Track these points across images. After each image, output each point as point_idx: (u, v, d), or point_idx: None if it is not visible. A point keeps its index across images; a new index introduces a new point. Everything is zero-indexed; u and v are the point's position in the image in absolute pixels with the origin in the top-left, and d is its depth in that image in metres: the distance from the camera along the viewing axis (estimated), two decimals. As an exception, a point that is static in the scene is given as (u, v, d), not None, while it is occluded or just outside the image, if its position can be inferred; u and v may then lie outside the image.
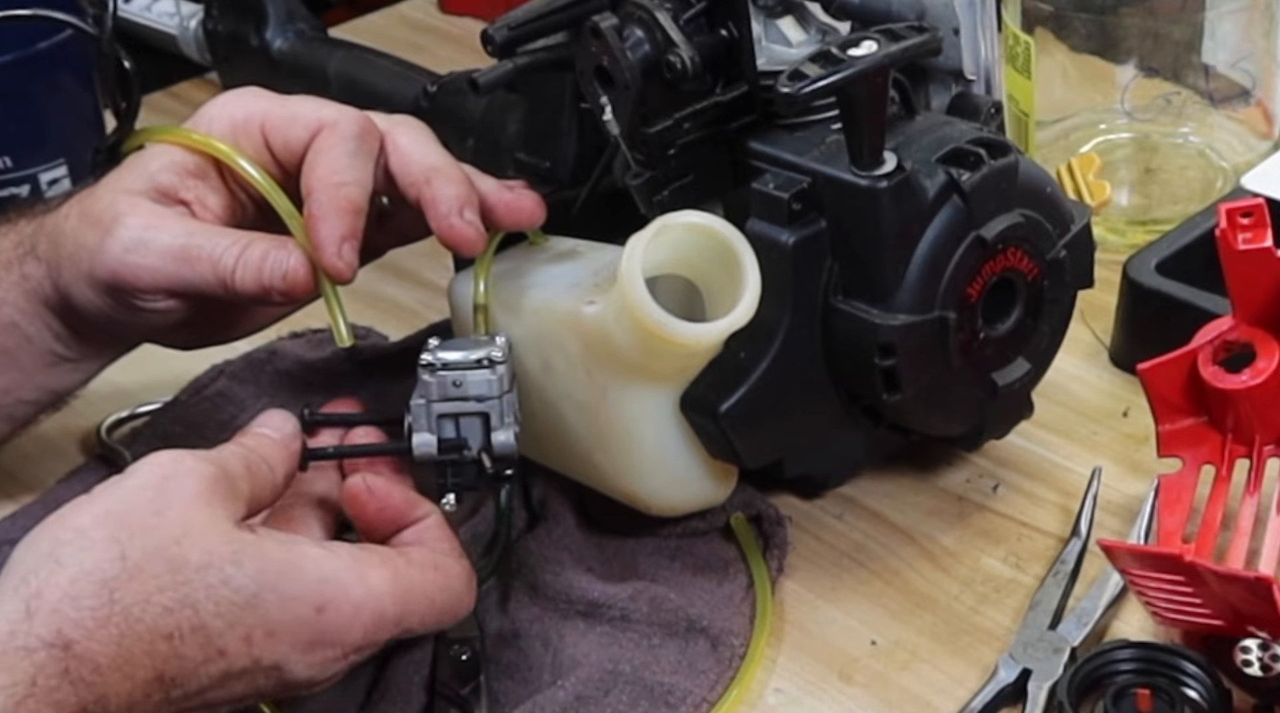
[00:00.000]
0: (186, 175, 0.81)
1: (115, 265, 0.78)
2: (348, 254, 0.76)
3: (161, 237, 0.79)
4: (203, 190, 0.82)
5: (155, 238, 0.78)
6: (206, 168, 0.82)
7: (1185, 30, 1.05)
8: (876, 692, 0.76)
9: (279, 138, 0.81)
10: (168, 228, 0.79)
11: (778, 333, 0.76)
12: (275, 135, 0.81)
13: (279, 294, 0.78)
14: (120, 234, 0.78)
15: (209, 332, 0.86)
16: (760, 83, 0.78)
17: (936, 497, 0.87)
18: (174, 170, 0.81)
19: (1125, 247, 1.00)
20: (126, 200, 0.80)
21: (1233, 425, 0.80)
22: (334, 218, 0.76)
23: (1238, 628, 0.69)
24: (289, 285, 0.77)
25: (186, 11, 1.36)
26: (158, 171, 0.81)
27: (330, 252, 0.76)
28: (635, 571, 0.82)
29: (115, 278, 0.79)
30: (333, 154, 0.78)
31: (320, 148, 0.79)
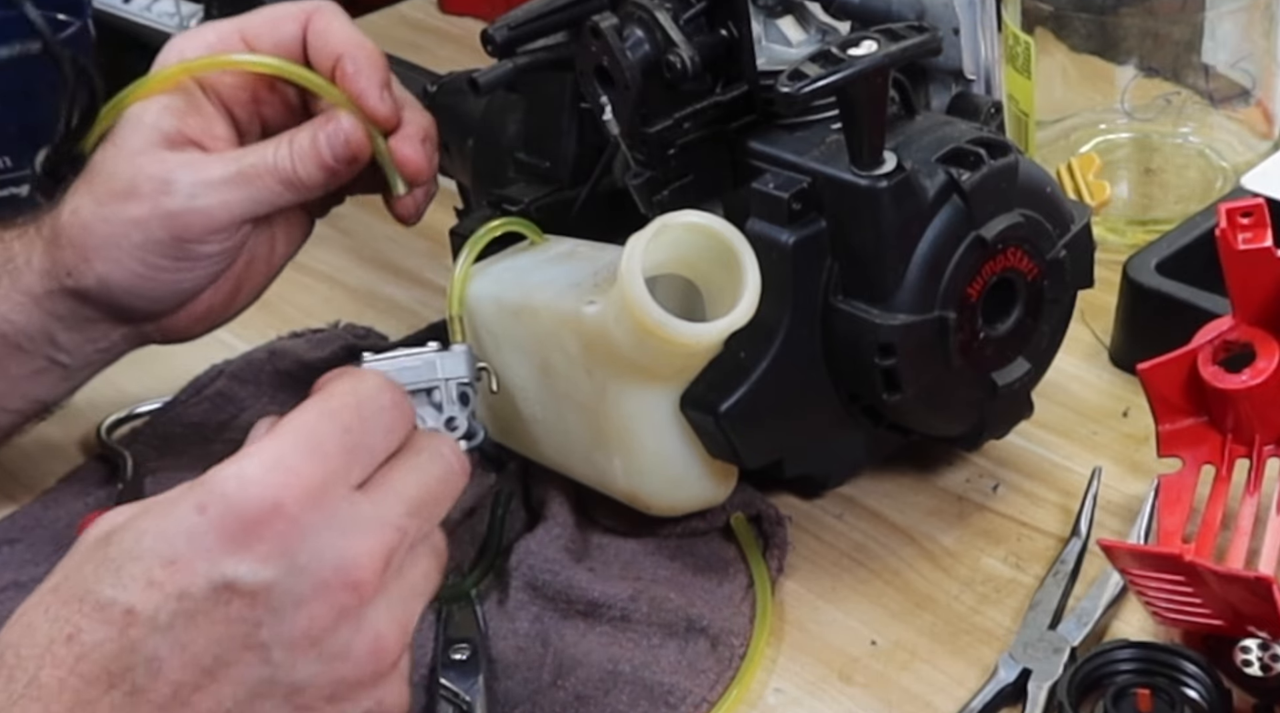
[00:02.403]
0: (184, 115, 0.81)
1: (184, 218, 0.79)
2: (389, 99, 0.79)
3: (214, 172, 0.79)
4: (205, 123, 0.82)
5: (209, 176, 0.79)
6: (198, 101, 0.82)
7: (1185, 30, 1.05)
8: (876, 692, 0.76)
9: (268, 41, 0.81)
10: (211, 164, 0.80)
11: (778, 333, 0.76)
12: (263, 41, 0.81)
13: (344, 164, 0.79)
14: (177, 189, 0.79)
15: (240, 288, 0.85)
16: (760, 83, 0.78)
17: (936, 497, 0.87)
18: (171, 114, 0.81)
19: (1125, 247, 1.00)
20: (152, 159, 0.80)
21: (1233, 425, 0.80)
22: (368, 70, 0.79)
23: (1238, 628, 0.69)
24: (353, 149, 0.79)
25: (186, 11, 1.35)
26: (156, 122, 0.80)
27: (374, 100, 0.78)
28: (635, 571, 0.82)
29: (185, 230, 0.79)
30: (338, 26, 0.80)
31: (321, 28, 0.80)
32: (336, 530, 0.58)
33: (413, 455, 0.64)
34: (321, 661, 0.59)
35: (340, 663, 0.59)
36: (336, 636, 0.59)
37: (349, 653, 0.59)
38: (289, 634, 0.58)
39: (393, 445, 0.63)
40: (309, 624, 0.58)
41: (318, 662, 0.59)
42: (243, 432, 0.94)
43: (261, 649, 0.58)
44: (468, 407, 0.77)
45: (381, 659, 0.60)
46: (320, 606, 0.58)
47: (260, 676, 0.58)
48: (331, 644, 0.59)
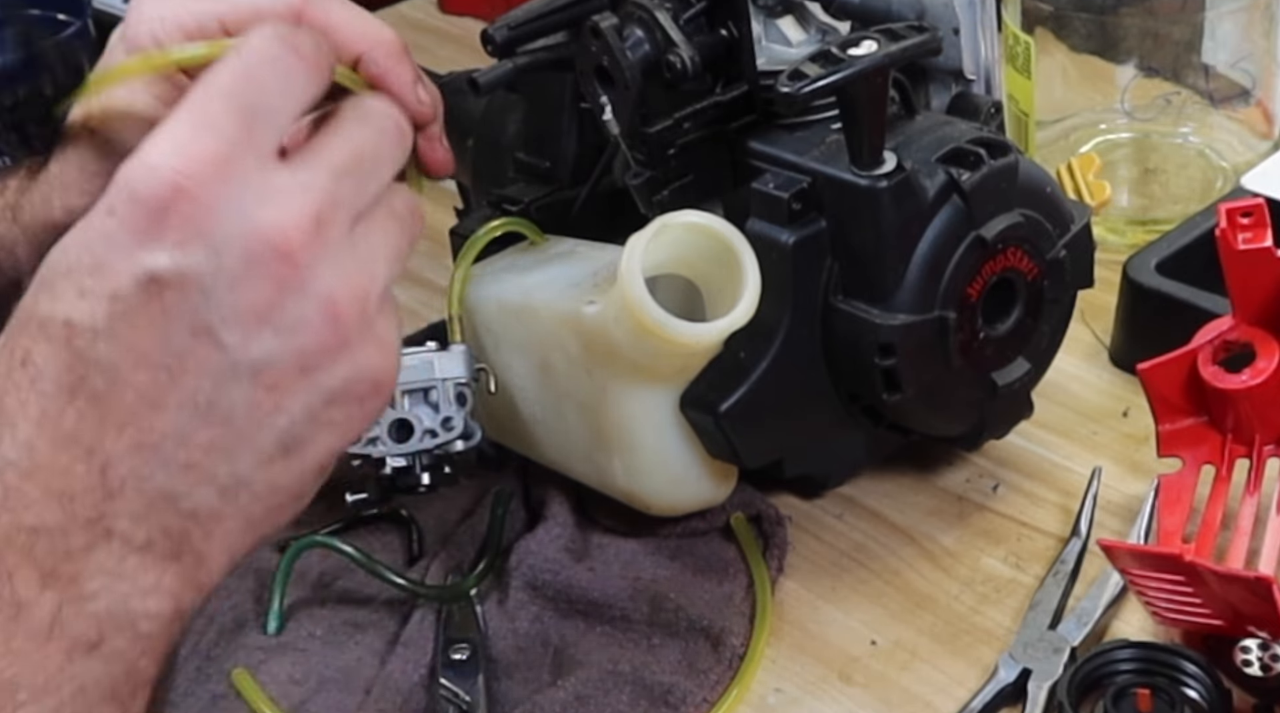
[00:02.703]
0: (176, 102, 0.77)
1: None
2: (424, 94, 0.70)
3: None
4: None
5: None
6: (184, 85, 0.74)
7: (1185, 30, 1.05)
8: (876, 692, 0.76)
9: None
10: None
11: (778, 333, 0.76)
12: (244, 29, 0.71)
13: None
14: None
15: None
16: (760, 83, 0.78)
17: (936, 497, 0.87)
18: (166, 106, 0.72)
19: (1125, 247, 1.00)
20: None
21: (1233, 425, 0.80)
22: (397, 65, 0.70)
23: (1238, 628, 0.69)
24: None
25: (186, 11, 1.35)
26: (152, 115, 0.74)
27: (412, 100, 0.69)
28: (635, 571, 0.82)
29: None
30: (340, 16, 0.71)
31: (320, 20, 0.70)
32: (250, 201, 0.56)
33: (336, 121, 0.60)
34: (277, 335, 0.56)
35: (297, 334, 0.56)
36: (283, 307, 0.56)
37: (303, 323, 0.56)
38: (232, 315, 0.55)
39: (300, 101, 0.58)
40: (251, 300, 0.55)
41: (274, 337, 0.56)
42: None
43: (209, 335, 0.55)
44: (465, 407, 0.77)
45: (341, 324, 0.57)
46: (254, 280, 0.55)
47: (218, 362, 0.55)
48: (281, 317, 0.56)
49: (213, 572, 0.58)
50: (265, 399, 0.56)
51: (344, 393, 0.58)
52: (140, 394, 0.55)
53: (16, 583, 0.53)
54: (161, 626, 0.56)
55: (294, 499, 0.59)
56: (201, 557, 0.57)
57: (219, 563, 0.58)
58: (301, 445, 0.58)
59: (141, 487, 0.55)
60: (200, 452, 0.56)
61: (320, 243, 0.57)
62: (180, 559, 0.56)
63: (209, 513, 0.56)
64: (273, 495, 0.58)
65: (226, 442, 0.56)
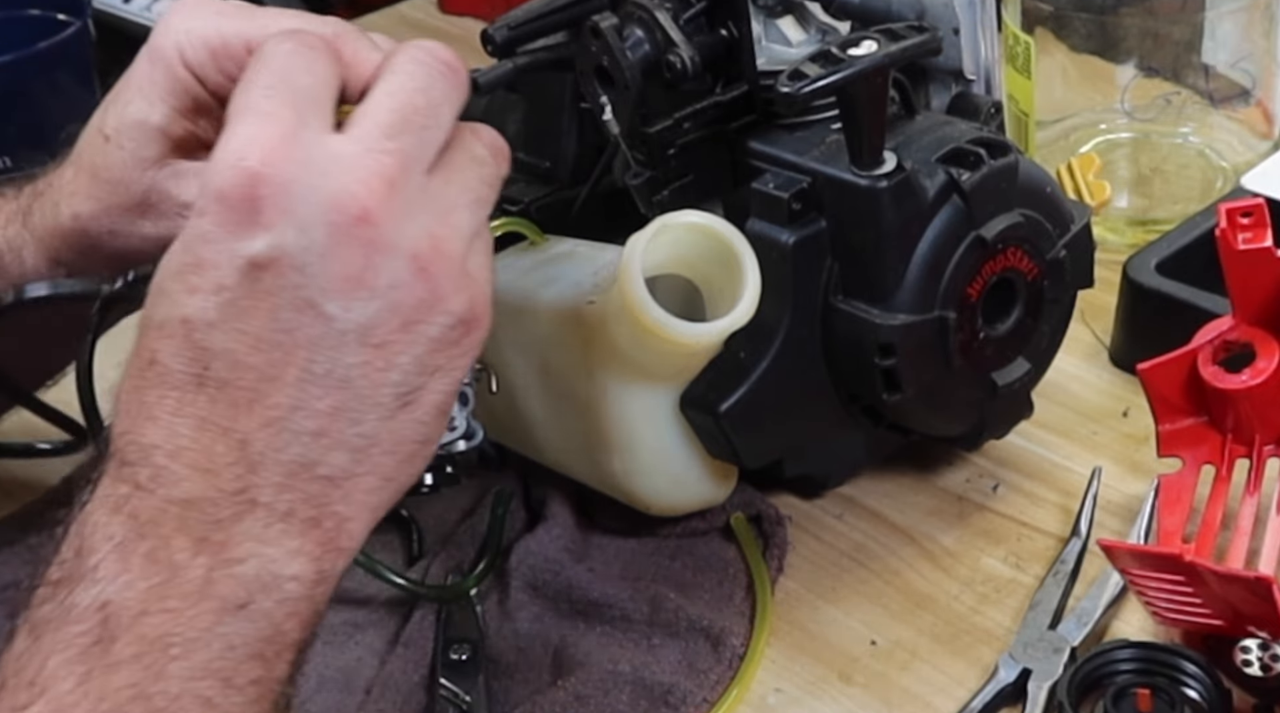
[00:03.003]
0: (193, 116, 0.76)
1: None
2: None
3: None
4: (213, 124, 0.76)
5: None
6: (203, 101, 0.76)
7: (1185, 30, 1.05)
8: (876, 692, 0.76)
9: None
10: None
11: (778, 333, 0.76)
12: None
13: None
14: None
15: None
16: (760, 83, 0.78)
17: (936, 497, 0.87)
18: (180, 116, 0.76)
19: (1125, 247, 1.00)
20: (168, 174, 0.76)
21: (1233, 425, 0.80)
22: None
23: (1238, 628, 0.69)
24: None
25: (186, 11, 1.35)
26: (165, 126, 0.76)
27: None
28: (635, 571, 0.82)
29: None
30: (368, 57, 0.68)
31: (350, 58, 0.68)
32: (317, 174, 0.58)
33: (378, 82, 0.63)
34: (374, 297, 0.59)
35: (392, 293, 0.59)
36: (375, 269, 0.59)
37: (396, 281, 0.59)
38: (329, 285, 0.58)
39: (327, 79, 0.62)
40: (343, 268, 0.58)
41: (371, 299, 0.59)
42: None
43: (312, 308, 0.59)
44: (466, 407, 0.77)
45: (431, 276, 0.60)
46: (342, 248, 0.58)
47: (325, 331, 0.59)
48: (374, 279, 0.59)
49: (354, 534, 0.60)
50: (376, 358, 0.59)
51: (445, 339, 0.61)
52: (260, 374, 0.58)
53: (172, 549, 0.56)
54: (305, 589, 0.59)
55: (421, 446, 0.62)
56: (342, 520, 0.60)
57: (360, 524, 0.61)
58: (417, 394, 0.61)
59: (278, 458, 0.58)
60: (326, 419, 0.59)
61: (395, 200, 0.59)
62: (321, 524, 0.59)
63: (344, 475, 0.60)
64: (401, 447, 0.61)
65: (348, 404, 0.59)
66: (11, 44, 1.09)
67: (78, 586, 0.56)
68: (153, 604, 0.56)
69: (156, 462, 0.58)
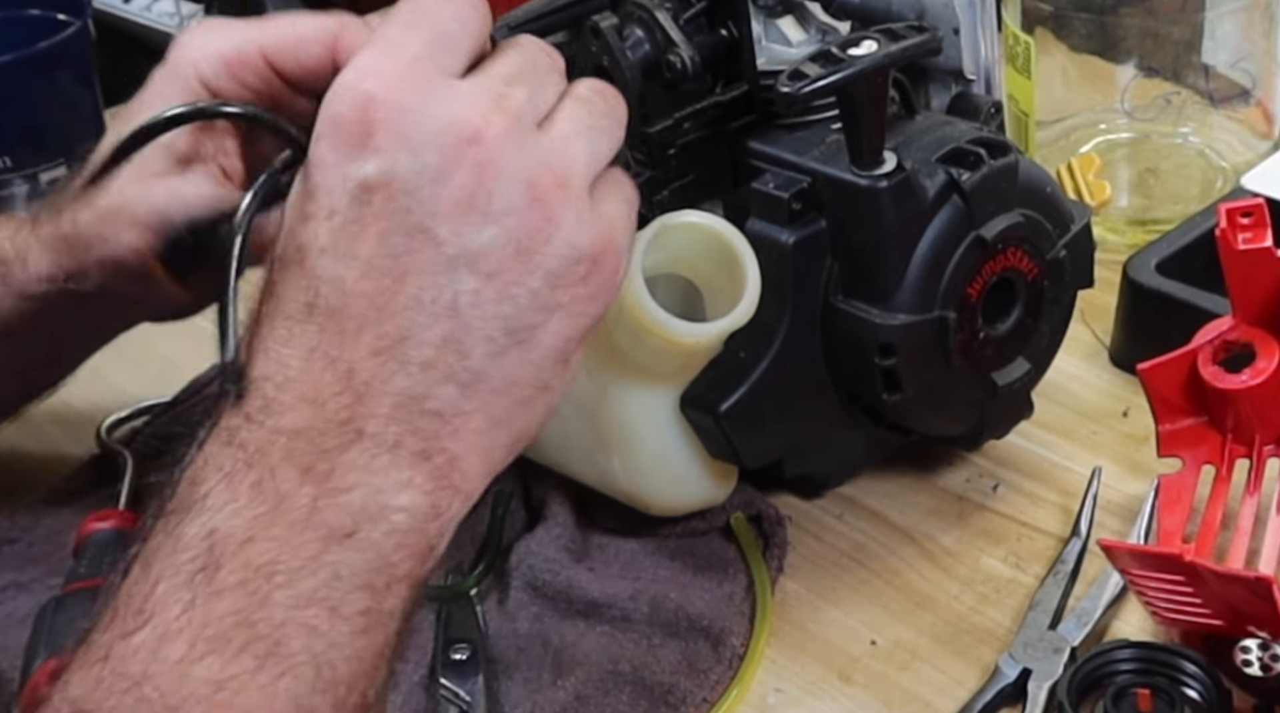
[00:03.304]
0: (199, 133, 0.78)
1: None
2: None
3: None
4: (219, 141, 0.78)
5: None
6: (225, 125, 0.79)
7: (1185, 30, 1.05)
8: (876, 692, 0.76)
9: (290, 61, 0.74)
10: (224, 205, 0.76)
11: (778, 333, 0.76)
12: (284, 59, 0.75)
13: None
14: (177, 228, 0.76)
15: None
16: (760, 83, 0.78)
17: (936, 497, 0.87)
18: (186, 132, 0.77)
19: (1125, 247, 1.00)
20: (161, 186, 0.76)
21: (1233, 425, 0.80)
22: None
23: (1238, 628, 0.69)
24: None
25: (186, 11, 1.36)
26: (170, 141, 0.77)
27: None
28: (635, 571, 0.82)
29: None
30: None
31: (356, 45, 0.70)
32: (438, 104, 0.59)
33: (496, 51, 0.64)
34: (486, 221, 0.59)
35: (505, 218, 0.59)
36: (487, 193, 0.59)
37: (508, 206, 0.59)
38: (440, 209, 0.59)
39: (474, 33, 0.63)
40: (455, 192, 0.59)
41: (483, 224, 0.59)
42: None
43: (423, 232, 0.59)
44: None
45: (546, 204, 0.60)
46: (454, 171, 0.59)
47: (436, 257, 0.59)
48: (486, 204, 0.59)
49: (469, 475, 0.60)
50: (487, 287, 0.59)
51: (564, 273, 0.60)
52: (370, 301, 0.58)
53: (278, 478, 0.57)
54: (415, 521, 0.58)
55: (537, 392, 0.61)
56: (453, 458, 0.59)
57: (473, 466, 0.60)
58: (532, 332, 0.60)
59: (385, 389, 0.58)
60: (434, 349, 0.59)
61: (509, 130, 0.60)
62: (431, 459, 0.59)
63: (452, 410, 0.59)
64: (513, 389, 0.60)
65: (457, 335, 0.59)
66: (11, 44, 1.09)
67: (187, 515, 0.56)
68: (258, 532, 0.56)
69: (266, 393, 0.58)
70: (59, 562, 0.83)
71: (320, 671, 0.55)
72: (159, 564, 0.56)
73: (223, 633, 0.54)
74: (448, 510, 0.60)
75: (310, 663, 0.55)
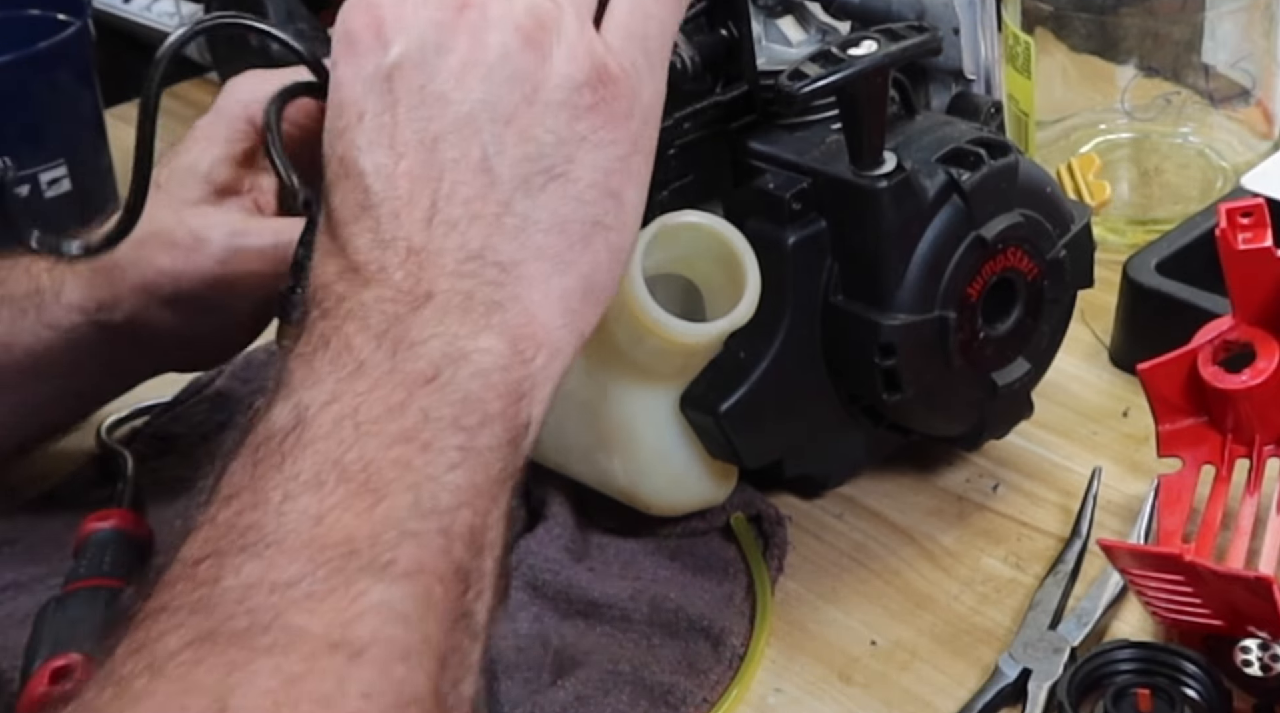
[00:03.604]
0: (240, 167, 0.81)
1: (213, 279, 0.79)
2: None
3: (251, 241, 0.79)
4: (257, 177, 0.82)
5: (247, 243, 0.79)
6: (255, 153, 0.82)
7: (1185, 30, 1.05)
8: (876, 692, 0.76)
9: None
10: (251, 232, 0.80)
11: (778, 333, 0.76)
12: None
13: None
14: (210, 250, 0.79)
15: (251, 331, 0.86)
16: (760, 83, 0.78)
17: (936, 497, 0.87)
18: (226, 165, 0.81)
19: (1125, 247, 1.00)
20: (196, 213, 0.80)
21: (1233, 425, 0.80)
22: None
23: (1238, 628, 0.69)
24: None
25: (186, 11, 1.36)
26: (209, 173, 0.81)
27: None
28: (635, 571, 0.82)
29: (213, 290, 0.79)
30: None
31: None
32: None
33: None
34: (490, 72, 0.63)
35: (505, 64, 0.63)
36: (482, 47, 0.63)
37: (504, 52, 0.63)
38: (449, 72, 0.63)
39: None
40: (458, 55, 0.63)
41: (487, 76, 0.63)
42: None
43: (440, 99, 0.63)
44: None
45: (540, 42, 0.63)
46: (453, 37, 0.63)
47: (455, 115, 0.63)
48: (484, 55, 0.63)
49: (548, 325, 0.62)
50: (507, 132, 0.62)
51: (575, 104, 0.63)
52: (412, 177, 0.62)
53: (355, 347, 0.59)
54: (499, 362, 0.60)
55: (591, 228, 0.63)
56: (526, 307, 0.61)
57: (549, 314, 0.62)
58: (565, 167, 0.63)
59: (443, 248, 0.61)
60: (478, 203, 0.62)
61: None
62: (504, 308, 0.61)
63: (510, 259, 0.62)
64: (564, 227, 0.63)
65: (494, 184, 0.62)
66: (11, 44, 1.09)
67: (274, 401, 0.58)
68: (341, 391, 0.57)
69: (337, 289, 0.61)
70: (59, 562, 0.83)
71: (419, 499, 0.56)
72: (253, 442, 0.58)
73: (315, 476, 0.55)
74: (533, 360, 0.61)
75: (408, 491, 0.56)
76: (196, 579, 0.53)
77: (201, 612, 0.52)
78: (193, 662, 0.51)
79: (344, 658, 0.51)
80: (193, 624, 0.52)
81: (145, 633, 0.52)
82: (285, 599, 0.52)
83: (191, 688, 0.50)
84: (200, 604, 0.53)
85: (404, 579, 0.54)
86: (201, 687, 0.50)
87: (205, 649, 0.51)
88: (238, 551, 0.54)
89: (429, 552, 0.55)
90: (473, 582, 0.57)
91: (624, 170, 0.64)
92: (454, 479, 0.57)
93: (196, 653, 0.51)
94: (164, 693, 0.50)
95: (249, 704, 0.50)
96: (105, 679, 0.52)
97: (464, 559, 0.56)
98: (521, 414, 0.60)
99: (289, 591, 0.53)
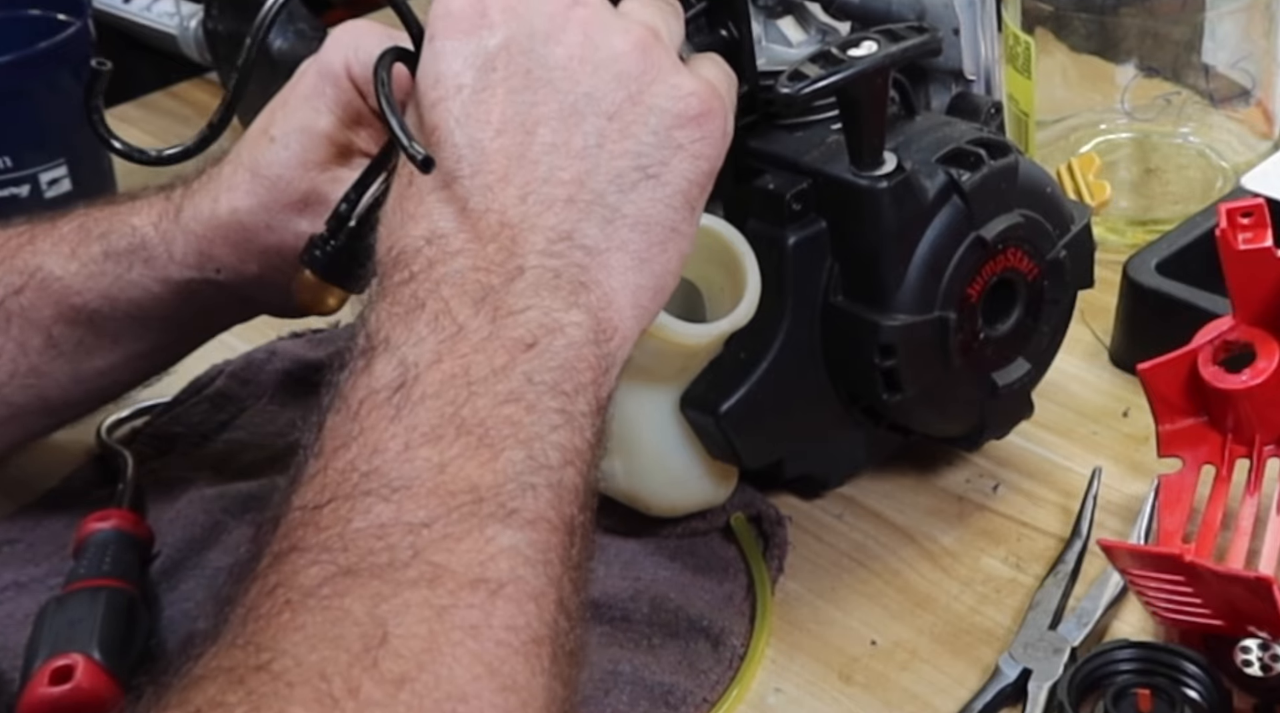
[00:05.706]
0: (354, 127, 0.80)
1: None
2: None
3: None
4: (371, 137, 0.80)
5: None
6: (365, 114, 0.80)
7: (1185, 30, 1.05)
8: (876, 692, 0.76)
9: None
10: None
11: (778, 333, 0.76)
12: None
13: None
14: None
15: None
16: (760, 83, 0.78)
17: (936, 497, 0.87)
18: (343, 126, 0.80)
19: (1125, 247, 1.00)
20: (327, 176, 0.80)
21: (1233, 425, 0.80)
22: None
23: (1238, 628, 0.69)
24: None
25: (186, 11, 1.36)
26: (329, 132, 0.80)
27: None
28: (635, 571, 0.82)
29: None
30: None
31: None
32: None
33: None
34: (598, 69, 0.65)
35: (613, 64, 0.66)
36: (593, 44, 0.66)
37: (613, 53, 0.66)
38: (556, 62, 0.65)
39: None
40: (566, 48, 0.65)
41: (596, 70, 0.65)
42: (243, 432, 0.93)
43: (546, 85, 0.65)
44: None
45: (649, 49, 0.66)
46: (563, 30, 0.66)
47: (559, 104, 0.65)
48: (595, 54, 0.66)
49: (623, 314, 0.64)
50: (609, 127, 0.65)
51: (678, 112, 0.66)
52: (508, 154, 0.64)
53: (454, 311, 0.61)
54: (588, 336, 0.62)
55: (669, 234, 0.66)
56: (606, 292, 0.64)
57: (624, 304, 0.64)
58: (659, 168, 0.66)
59: (536, 224, 0.63)
60: (574, 187, 0.64)
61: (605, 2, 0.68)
62: (588, 289, 0.63)
63: (597, 245, 0.64)
64: (648, 227, 0.65)
65: (591, 173, 0.65)
66: (11, 44, 1.09)
67: (374, 358, 0.60)
68: (446, 353, 0.60)
69: (426, 253, 0.63)
70: (59, 562, 0.83)
71: (532, 454, 0.59)
72: (355, 396, 0.59)
73: (433, 429, 0.58)
74: (608, 343, 0.63)
75: (520, 446, 0.58)
76: (321, 523, 0.55)
77: (336, 549, 0.54)
78: (337, 594, 0.53)
79: (485, 594, 0.54)
80: (328, 561, 0.54)
81: (278, 574, 0.54)
82: (422, 539, 0.55)
83: (342, 618, 0.52)
84: (333, 543, 0.55)
85: (528, 527, 0.57)
86: (353, 617, 0.52)
87: (348, 583, 0.53)
88: (362, 494, 0.56)
89: (544, 503, 0.58)
90: (578, 537, 0.59)
91: (704, 186, 0.67)
92: (557, 439, 0.60)
93: (338, 587, 0.53)
94: (314, 624, 0.52)
95: (405, 632, 0.52)
96: (243, 620, 0.53)
97: (572, 514, 0.59)
98: (604, 388, 0.63)
99: (424, 531, 0.55)
